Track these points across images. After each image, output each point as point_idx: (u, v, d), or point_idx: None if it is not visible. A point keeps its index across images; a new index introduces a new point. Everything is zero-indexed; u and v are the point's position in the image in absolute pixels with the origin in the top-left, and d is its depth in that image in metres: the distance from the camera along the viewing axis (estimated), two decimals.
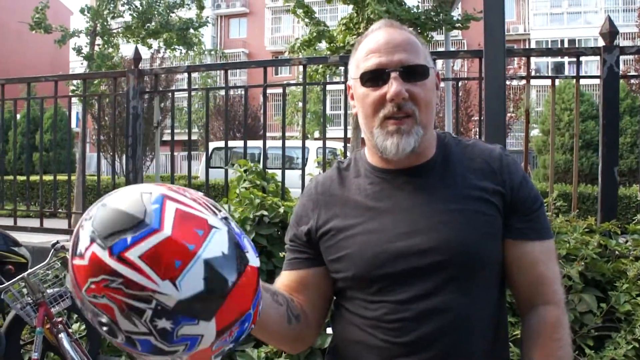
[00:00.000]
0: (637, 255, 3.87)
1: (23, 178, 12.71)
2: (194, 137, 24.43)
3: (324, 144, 5.22)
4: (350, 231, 1.45)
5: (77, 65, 37.08)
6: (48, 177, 8.03)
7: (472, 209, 1.44)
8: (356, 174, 1.54)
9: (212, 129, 25.26)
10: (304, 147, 5.21)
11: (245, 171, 4.73)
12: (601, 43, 4.49)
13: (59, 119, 12.99)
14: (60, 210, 7.85)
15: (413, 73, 1.40)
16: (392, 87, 1.37)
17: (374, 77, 1.41)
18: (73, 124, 24.46)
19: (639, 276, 3.73)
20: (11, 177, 7.83)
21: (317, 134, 25.38)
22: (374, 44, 1.44)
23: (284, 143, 5.30)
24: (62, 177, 11.41)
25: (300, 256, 1.55)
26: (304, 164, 5.57)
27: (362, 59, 1.45)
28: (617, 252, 3.96)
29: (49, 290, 4.22)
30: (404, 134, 1.40)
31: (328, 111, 25.17)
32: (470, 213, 1.43)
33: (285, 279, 1.56)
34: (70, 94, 8.82)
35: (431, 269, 1.39)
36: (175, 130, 5.77)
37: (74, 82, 9.77)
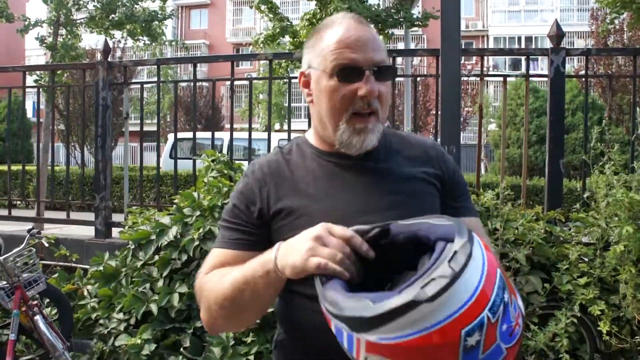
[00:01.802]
0: (579, 241, 4.21)
1: None
2: (154, 128, 24.32)
3: (289, 135, 5.47)
4: (303, 210, 1.47)
5: (33, 54, 36.51)
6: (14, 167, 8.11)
7: (418, 190, 1.56)
8: (301, 158, 1.57)
9: (172, 120, 25.22)
10: (269, 139, 5.45)
11: (212, 161, 4.92)
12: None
13: (16, 108, 12.89)
14: (29, 199, 7.92)
15: (385, 73, 1.48)
16: (368, 85, 1.43)
17: (349, 73, 1.45)
18: (30, 114, 24.19)
19: (580, 259, 4.07)
20: None
21: (277, 126, 25.55)
22: (345, 37, 1.46)
23: (250, 135, 5.54)
24: (29, 167, 11.39)
25: (249, 238, 1.52)
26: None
27: (331, 52, 1.46)
28: (561, 238, 4.30)
29: (24, 275, 4.35)
30: (369, 132, 1.48)
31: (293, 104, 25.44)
32: (417, 193, 1.55)
33: (228, 258, 1.52)
34: (34, 84, 8.76)
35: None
36: (138, 122, 5.92)
37: (38, 72, 9.74)
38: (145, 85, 6.83)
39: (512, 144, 19.09)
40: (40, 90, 7.26)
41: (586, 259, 4.10)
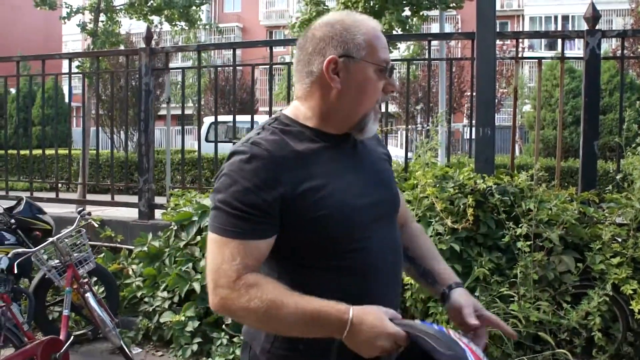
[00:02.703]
0: (612, 221, 4.28)
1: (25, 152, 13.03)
2: (188, 112, 24.63)
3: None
4: (325, 189, 1.56)
5: (70, 40, 37.03)
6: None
7: (389, 169, 1.84)
8: (299, 138, 1.61)
9: (207, 104, 25.45)
10: None
11: None
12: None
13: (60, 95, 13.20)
14: (73, 182, 8.18)
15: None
16: (396, 83, 1.64)
17: (388, 71, 1.63)
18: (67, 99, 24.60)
19: (613, 239, 4.14)
20: (26, 152, 8.13)
21: None
22: (381, 38, 1.63)
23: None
24: (64, 152, 11.70)
25: (267, 225, 1.55)
26: None
27: (377, 49, 1.60)
28: (594, 218, 4.37)
29: (75, 254, 4.55)
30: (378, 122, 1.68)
31: None
32: (390, 172, 1.84)
33: (253, 250, 1.55)
34: (76, 70, 9.01)
35: (389, 214, 1.73)
36: (172, 105, 6.09)
37: (80, 58, 10.01)
38: (175, 70, 6.98)
39: (547, 125, 18.88)
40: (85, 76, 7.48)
41: (619, 239, 4.18)
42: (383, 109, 5.64)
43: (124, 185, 6.71)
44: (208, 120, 15.58)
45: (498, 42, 5.08)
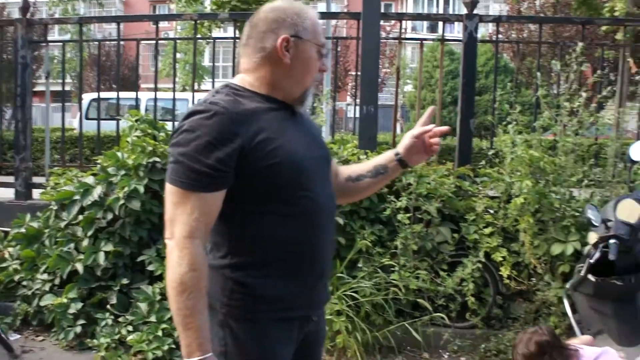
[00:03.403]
0: (485, 194, 4.58)
1: None
2: (66, 88, 23.61)
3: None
4: (276, 141, 1.74)
5: None
6: None
7: (320, 134, 2.11)
8: (250, 99, 1.79)
9: (87, 80, 24.47)
10: (194, 99, 5.55)
11: (136, 121, 4.97)
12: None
13: None
14: None
15: None
16: (327, 63, 1.91)
17: (325, 53, 1.89)
18: None
19: (485, 211, 4.44)
20: None
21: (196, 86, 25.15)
22: (319, 24, 1.91)
23: (174, 95, 5.62)
24: None
25: (226, 174, 1.69)
26: None
27: (319, 33, 1.87)
28: (469, 192, 4.66)
29: None
30: None
31: (208, 64, 25.06)
32: (322, 137, 2.09)
33: (209, 202, 1.69)
34: None
35: (326, 169, 1.93)
36: (52, 81, 5.87)
37: None
38: (53, 44, 6.70)
39: (427, 105, 19.52)
40: None
41: (491, 211, 4.48)
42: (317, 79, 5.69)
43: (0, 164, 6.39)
44: (88, 97, 15.00)
45: (382, 22, 5.24)
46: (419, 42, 5.69)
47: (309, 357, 1.97)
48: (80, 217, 4.74)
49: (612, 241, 3.13)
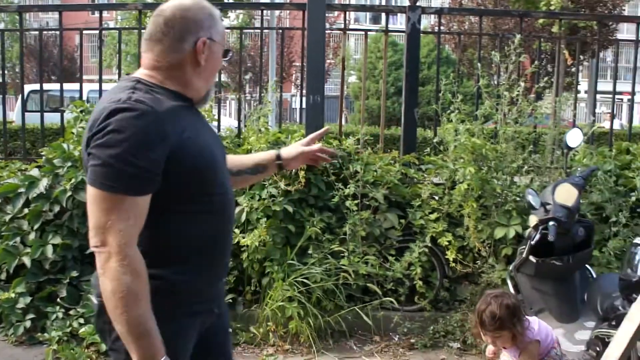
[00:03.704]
0: (430, 181, 4.71)
1: None
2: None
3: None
4: (196, 141, 1.76)
5: None
6: None
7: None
8: (166, 96, 1.76)
9: (24, 72, 23.83)
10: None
11: (81, 112, 4.93)
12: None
13: None
14: None
15: None
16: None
17: (226, 54, 1.97)
18: None
19: (431, 197, 4.57)
20: None
21: None
22: (223, 26, 1.96)
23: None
24: None
25: (158, 175, 1.66)
26: None
27: (224, 36, 1.94)
28: (414, 179, 4.78)
29: None
30: None
31: None
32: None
33: (147, 204, 1.67)
34: None
35: (225, 162, 1.98)
36: None
37: None
38: None
39: (371, 95, 19.83)
40: None
41: (436, 197, 4.62)
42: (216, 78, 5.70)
43: None
44: (28, 88, 14.64)
45: (327, 13, 5.29)
46: (364, 32, 5.78)
47: (217, 346, 2.01)
48: (26, 210, 4.67)
49: (551, 223, 3.28)
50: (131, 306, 1.58)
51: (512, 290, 3.68)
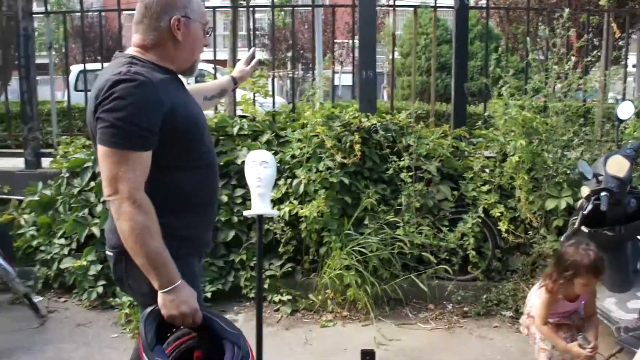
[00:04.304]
0: (481, 154, 4.81)
1: None
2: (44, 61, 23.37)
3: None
4: (186, 107, 2.08)
5: None
6: None
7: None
8: (157, 70, 2.05)
9: (71, 52, 24.31)
10: None
11: None
12: None
13: None
14: None
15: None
16: (208, 41, 2.27)
17: (208, 32, 2.24)
18: None
19: (482, 170, 4.67)
20: None
21: None
22: (203, 5, 2.25)
23: None
24: None
25: (155, 135, 1.95)
26: None
27: (204, 14, 2.20)
28: (466, 152, 4.88)
29: None
30: None
31: None
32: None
33: (150, 158, 1.96)
34: None
35: (207, 127, 2.27)
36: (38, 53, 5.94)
37: None
38: (38, 16, 6.72)
39: (411, 70, 19.72)
40: None
41: (487, 170, 4.72)
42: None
43: (8, 136, 6.53)
44: (75, 68, 14.97)
45: None
46: (413, 8, 5.87)
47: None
48: (93, 183, 4.94)
49: (603, 194, 3.34)
50: (148, 240, 1.88)
51: None
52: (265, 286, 4.54)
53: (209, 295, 4.49)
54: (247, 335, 2.00)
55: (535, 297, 3.05)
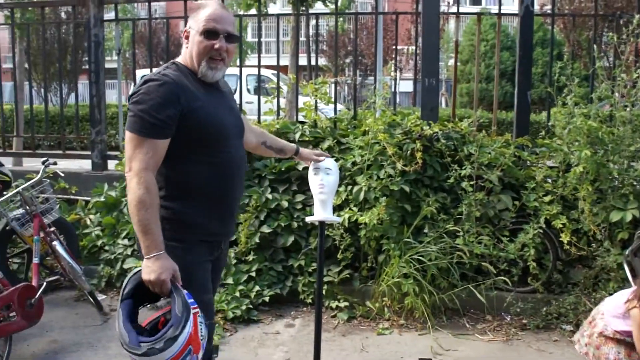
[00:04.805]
0: (544, 164, 4.73)
1: None
2: (113, 65, 23.97)
3: (259, 71, 5.92)
4: (205, 109, 2.35)
5: None
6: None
7: (237, 108, 2.71)
8: (186, 75, 2.38)
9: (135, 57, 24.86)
10: (240, 73, 5.78)
11: None
12: None
13: None
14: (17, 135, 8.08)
15: (231, 38, 2.45)
16: (220, 43, 2.41)
17: (210, 34, 2.39)
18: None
19: (544, 180, 4.60)
20: None
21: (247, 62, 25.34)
22: (211, 13, 2.41)
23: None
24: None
25: (171, 127, 2.28)
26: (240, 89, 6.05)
27: (202, 21, 2.39)
28: (528, 162, 4.81)
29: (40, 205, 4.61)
30: (218, 70, 2.45)
31: (251, 39, 25.27)
32: (238, 109, 2.71)
33: (160, 146, 2.27)
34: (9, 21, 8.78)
35: (239, 133, 2.59)
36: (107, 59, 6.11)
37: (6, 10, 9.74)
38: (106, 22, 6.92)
39: (472, 79, 19.50)
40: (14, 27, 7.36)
41: (550, 180, 4.64)
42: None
43: (76, 138, 6.75)
44: (140, 73, 15.38)
45: None
46: (477, 15, 5.82)
47: (212, 278, 2.58)
48: None
49: None
50: (141, 211, 2.19)
51: (628, 274, 3.66)
52: (323, 292, 4.55)
53: (267, 299, 4.57)
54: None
55: (614, 318, 2.97)
